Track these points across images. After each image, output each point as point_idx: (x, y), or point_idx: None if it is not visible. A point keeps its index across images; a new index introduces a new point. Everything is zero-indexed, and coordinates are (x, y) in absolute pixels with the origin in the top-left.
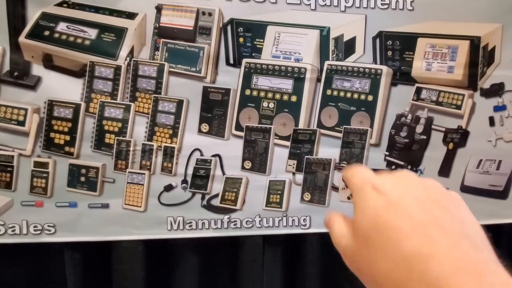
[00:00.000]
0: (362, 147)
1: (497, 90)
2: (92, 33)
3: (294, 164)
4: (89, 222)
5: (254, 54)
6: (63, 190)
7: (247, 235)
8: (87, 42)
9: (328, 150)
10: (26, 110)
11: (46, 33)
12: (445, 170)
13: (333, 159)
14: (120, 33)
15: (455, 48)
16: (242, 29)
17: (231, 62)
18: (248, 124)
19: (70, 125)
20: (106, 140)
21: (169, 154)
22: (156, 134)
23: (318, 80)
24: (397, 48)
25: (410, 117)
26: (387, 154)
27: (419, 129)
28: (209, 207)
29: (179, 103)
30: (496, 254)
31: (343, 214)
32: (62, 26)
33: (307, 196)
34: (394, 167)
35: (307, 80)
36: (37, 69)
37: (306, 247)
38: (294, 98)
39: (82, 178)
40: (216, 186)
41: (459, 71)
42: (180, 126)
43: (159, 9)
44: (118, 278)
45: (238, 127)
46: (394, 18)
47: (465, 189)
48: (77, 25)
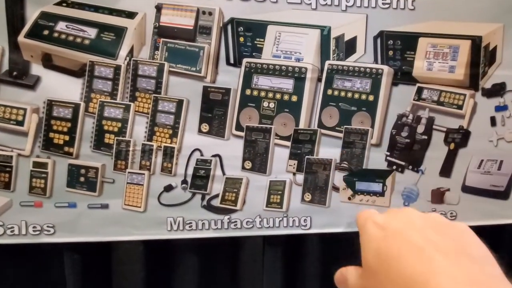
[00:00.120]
0: (363, 147)
1: (498, 90)
2: (91, 32)
3: (294, 164)
4: (88, 223)
5: (254, 54)
6: (62, 190)
7: (247, 236)
8: (87, 42)
9: (328, 150)
10: (25, 110)
11: (45, 32)
12: (446, 170)
13: (333, 159)
14: (119, 32)
15: (457, 47)
16: (242, 28)
17: (232, 61)
18: (248, 124)
19: (69, 125)
20: (106, 140)
21: (169, 154)
22: (156, 134)
23: (319, 80)
24: (398, 47)
25: (411, 117)
26: (388, 154)
27: (420, 129)
28: (209, 208)
29: (179, 103)
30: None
31: (353, 266)
32: (61, 26)
33: (308, 196)
34: (395, 167)
35: (308, 80)
36: (36, 68)
37: (307, 248)
38: (294, 98)
39: (82, 178)
40: (216, 187)
41: (461, 71)
42: (180, 126)
43: (159, 8)
44: (118, 278)
45: (239, 127)
46: (395, 18)
47: (466, 189)
48: (76, 24)
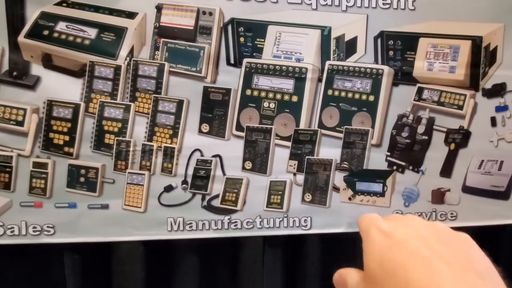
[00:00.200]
0: (363, 148)
1: (499, 90)
2: (91, 32)
3: (295, 164)
4: (88, 223)
5: (255, 54)
6: (63, 190)
7: (248, 236)
8: (87, 42)
9: (329, 150)
10: (25, 110)
11: (46, 32)
12: (446, 170)
13: (334, 160)
14: (120, 32)
15: (457, 48)
16: (242, 28)
17: (232, 62)
18: (248, 124)
19: (69, 125)
20: (106, 140)
21: (169, 154)
22: (156, 135)
23: (319, 80)
24: (398, 48)
25: (411, 117)
26: (389, 154)
27: (421, 129)
28: (209, 208)
29: (179, 103)
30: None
31: (353, 268)
32: (61, 26)
33: (308, 196)
34: (395, 168)
35: (308, 80)
36: (36, 69)
37: (307, 248)
38: (295, 98)
39: (82, 179)
40: (216, 187)
41: (461, 71)
42: (180, 126)
43: (159, 8)
44: (118, 279)
45: (239, 127)
46: (395, 18)
47: (467, 189)
48: (76, 24)
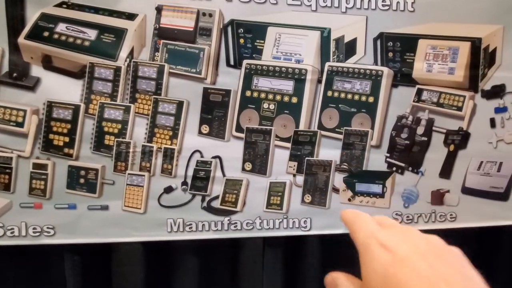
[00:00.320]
0: (362, 149)
1: (498, 91)
2: (91, 34)
3: (294, 165)
4: (88, 224)
5: (254, 55)
6: (62, 191)
7: (248, 237)
8: (87, 43)
9: (328, 151)
10: (25, 111)
11: (46, 34)
12: (446, 171)
13: (333, 161)
14: (120, 34)
15: (456, 49)
16: (242, 30)
17: (232, 63)
18: (248, 125)
19: (69, 126)
20: (106, 141)
21: (169, 155)
22: (156, 136)
23: (319, 81)
24: (398, 49)
25: (410, 118)
26: (388, 155)
27: (420, 130)
28: (209, 209)
29: (179, 104)
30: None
31: (346, 274)
32: (61, 27)
33: (308, 198)
34: (395, 169)
35: (308, 81)
36: (36, 70)
37: (307, 249)
38: (294, 100)
39: (82, 180)
40: (216, 188)
41: (460, 73)
42: (180, 127)
43: (159, 10)
44: (118, 279)
45: (239, 129)
46: (395, 20)
47: (466, 191)
48: (76, 26)
